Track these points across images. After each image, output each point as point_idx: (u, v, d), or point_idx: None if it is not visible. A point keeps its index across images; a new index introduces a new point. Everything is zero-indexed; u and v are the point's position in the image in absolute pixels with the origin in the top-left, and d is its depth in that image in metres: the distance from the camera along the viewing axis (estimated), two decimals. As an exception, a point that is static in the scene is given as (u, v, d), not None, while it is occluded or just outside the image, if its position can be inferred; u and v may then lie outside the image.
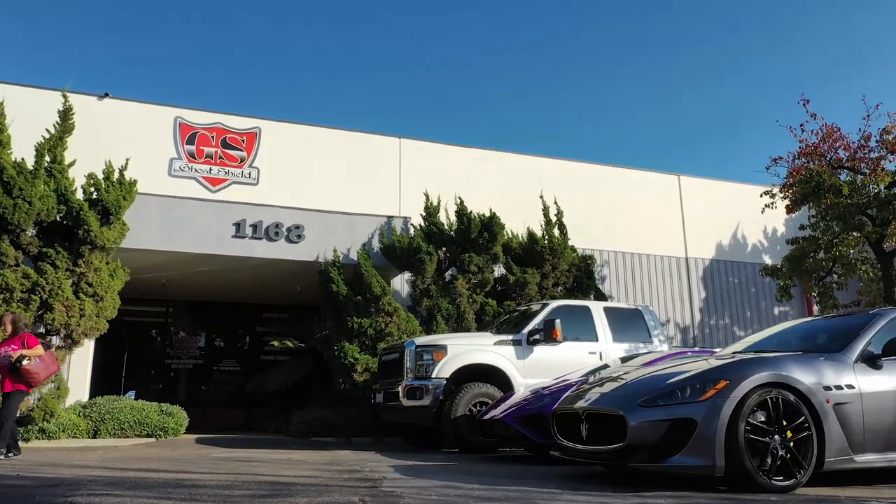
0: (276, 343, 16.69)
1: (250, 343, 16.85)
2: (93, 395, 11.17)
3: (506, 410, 7.50)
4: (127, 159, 10.60)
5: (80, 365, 11.25)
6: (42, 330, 9.80)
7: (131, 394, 11.74)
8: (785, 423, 4.50)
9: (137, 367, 15.93)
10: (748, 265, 17.46)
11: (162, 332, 16.39)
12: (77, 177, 10.50)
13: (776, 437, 4.45)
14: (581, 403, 5.22)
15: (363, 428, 11.04)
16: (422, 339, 9.34)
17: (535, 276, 12.35)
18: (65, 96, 10.98)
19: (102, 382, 13.34)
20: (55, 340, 9.98)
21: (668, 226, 17.00)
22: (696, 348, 11.63)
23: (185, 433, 11.11)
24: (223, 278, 13.41)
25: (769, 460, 4.40)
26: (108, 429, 10.12)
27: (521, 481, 5.24)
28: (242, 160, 13.45)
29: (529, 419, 6.99)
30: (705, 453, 4.36)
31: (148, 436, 10.37)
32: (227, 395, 16.09)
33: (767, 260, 17.00)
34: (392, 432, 10.73)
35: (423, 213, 12.74)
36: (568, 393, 5.90)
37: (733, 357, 5.24)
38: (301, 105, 53.84)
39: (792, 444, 4.47)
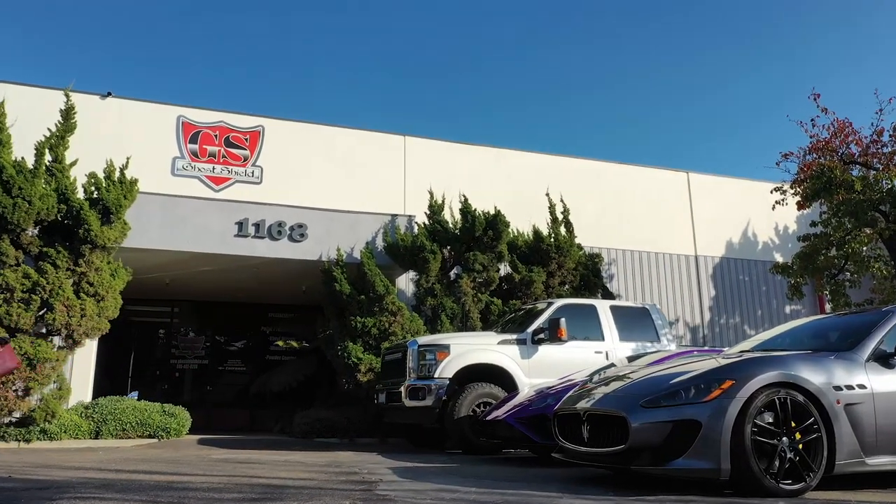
0: (280, 343, 16.60)
1: (256, 343, 16.77)
2: (99, 395, 11.08)
3: (509, 411, 7.35)
4: (128, 158, 10.52)
5: (83, 365, 11.21)
6: (43, 330, 9.76)
7: (134, 394, 11.66)
8: (793, 424, 4.33)
9: (143, 368, 15.90)
10: (759, 263, 17.21)
11: (167, 333, 16.35)
12: (80, 176, 10.44)
13: (784, 439, 4.28)
14: (583, 404, 5.07)
15: (367, 428, 10.92)
16: (424, 339, 9.21)
17: (540, 275, 12.19)
18: (67, 95, 10.90)
19: (106, 381, 13.31)
20: (56, 340, 9.92)
21: (677, 223, 16.78)
22: (706, 347, 11.43)
23: (188, 434, 11.02)
24: (228, 278, 13.33)
25: (777, 463, 4.23)
26: (110, 429, 10.04)
27: (521, 484, 5.09)
28: (246, 159, 13.36)
29: (532, 420, 6.84)
30: (710, 456, 4.20)
31: (150, 436, 10.29)
32: (232, 396, 16.02)
33: (779, 258, 16.75)
34: (396, 433, 10.61)
35: (427, 212, 12.60)
36: (570, 393, 5.75)
37: (740, 356, 5.07)
38: (305, 103, 53.68)
39: (801, 446, 4.30)
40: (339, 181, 13.86)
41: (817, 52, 52.01)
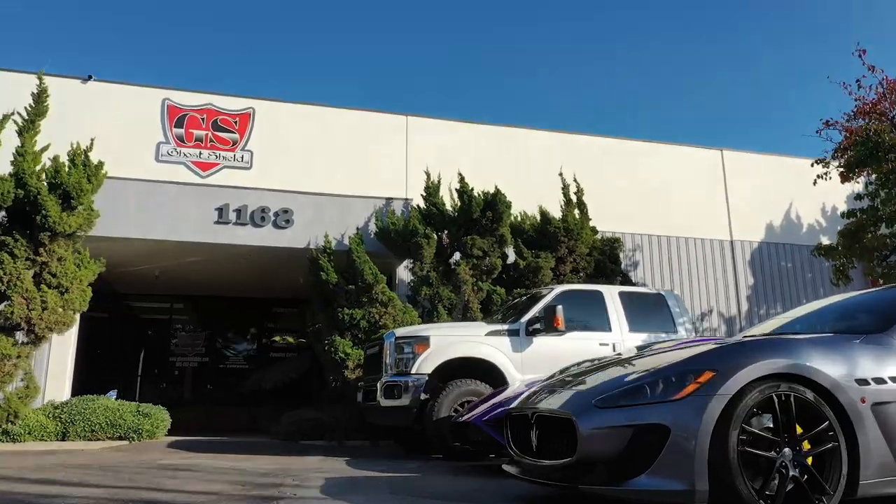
0: (277, 339, 15.86)
1: (257, 339, 16.04)
2: (88, 394, 10.39)
3: (484, 412, 6.32)
4: (92, 139, 9.84)
5: (59, 362, 10.60)
6: (5, 324, 9.14)
7: (112, 393, 10.99)
8: (799, 430, 3.20)
9: (145, 366, 15.37)
10: (803, 248, 15.61)
11: (167, 329, 15.75)
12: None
13: (786, 450, 3.15)
14: (542, 403, 4.01)
15: (357, 429, 10.00)
16: (403, 330, 8.24)
17: (548, 261, 11.05)
18: (40, 78, 10.31)
19: (111, 382, 12.80)
20: (19, 336, 9.30)
21: (710, 206, 15.35)
22: (724, 337, 10.14)
23: (167, 435, 10.32)
24: (220, 270, 12.62)
25: (775, 483, 3.10)
26: (78, 431, 9.39)
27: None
28: (235, 143, 12.55)
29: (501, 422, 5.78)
30: (682, 473, 3.10)
31: (121, 438, 9.60)
32: (233, 394, 15.31)
33: (826, 241, 15.17)
34: (388, 435, 9.65)
35: (423, 193, 11.60)
36: (535, 388, 4.69)
37: (734, 341, 3.94)
38: (299, 83, 51.21)
39: (810, 460, 3.17)
40: (337, 165, 12.91)
41: (856, 16, 48.55)
